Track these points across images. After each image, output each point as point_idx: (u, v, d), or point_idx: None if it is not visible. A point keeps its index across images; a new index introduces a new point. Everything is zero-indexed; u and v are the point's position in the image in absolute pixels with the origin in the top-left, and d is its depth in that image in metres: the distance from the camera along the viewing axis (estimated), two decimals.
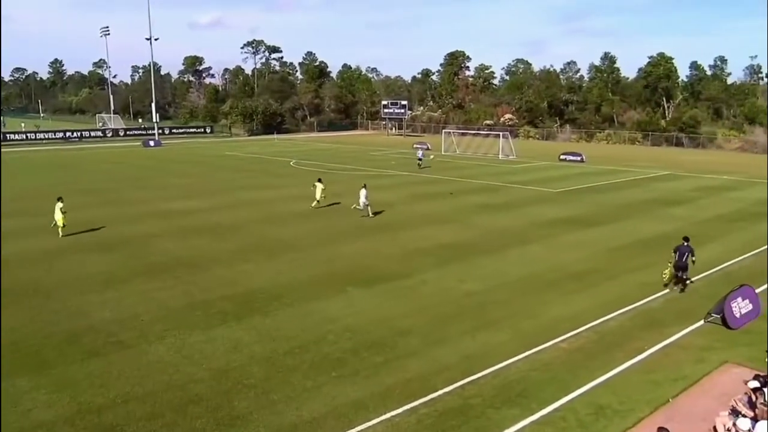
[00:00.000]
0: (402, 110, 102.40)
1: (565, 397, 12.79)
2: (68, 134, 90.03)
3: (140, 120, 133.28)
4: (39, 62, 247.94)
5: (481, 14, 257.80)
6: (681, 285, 19.89)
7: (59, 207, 26.67)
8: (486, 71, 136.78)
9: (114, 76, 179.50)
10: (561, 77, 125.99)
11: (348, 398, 12.77)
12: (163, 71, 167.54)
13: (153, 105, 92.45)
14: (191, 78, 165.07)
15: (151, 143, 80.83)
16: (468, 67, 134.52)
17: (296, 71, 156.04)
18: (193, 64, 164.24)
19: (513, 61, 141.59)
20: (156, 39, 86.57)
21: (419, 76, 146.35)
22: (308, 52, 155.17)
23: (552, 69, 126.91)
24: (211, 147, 79.51)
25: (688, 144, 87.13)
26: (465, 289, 19.97)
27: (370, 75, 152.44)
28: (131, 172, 51.02)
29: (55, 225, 26.75)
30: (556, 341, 15.73)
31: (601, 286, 20.50)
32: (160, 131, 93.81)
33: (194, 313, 17.54)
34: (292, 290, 19.67)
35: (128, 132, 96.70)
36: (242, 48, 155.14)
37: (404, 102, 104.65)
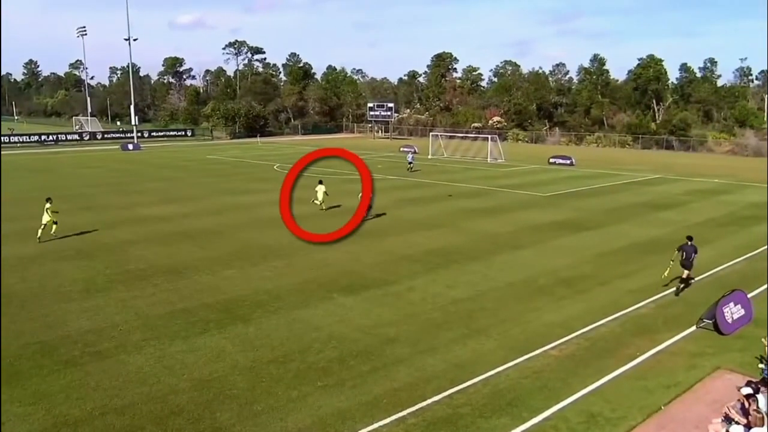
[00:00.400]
0: (388, 113, 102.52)
1: (556, 406, 12.81)
2: (44, 137, 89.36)
3: (118, 123, 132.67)
4: (13, 63, 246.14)
5: (468, 15, 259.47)
6: (684, 285, 20.16)
7: (47, 208, 26.43)
8: (474, 73, 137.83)
9: (91, 78, 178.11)
10: (550, 79, 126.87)
11: (334, 408, 12.70)
12: (143, 72, 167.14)
13: (132, 107, 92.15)
14: (171, 79, 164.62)
15: (130, 147, 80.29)
16: (455, 69, 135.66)
17: (280, 73, 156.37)
18: (174, 65, 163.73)
19: (501, 63, 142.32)
20: (135, 39, 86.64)
21: (406, 78, 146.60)
22: (292, 54, 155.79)
23: (541, 71, 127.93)
24: (192, 150, 79.16)
25: (679, 147, 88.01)
26: (453, 296, 19.98)
27: (356, 77, 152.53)
28: (109, 177, 50.61)
29: (44, 228, 26.36)
30: (547, 348, 15.77)
31: (592, 292, 20.60)
32: (139, 134, 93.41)
33: (175, 322, 17.39)
34: (276, 297, 19.58)
35: (106, 135, 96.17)
36: (224, 49, 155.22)
37: (391, 104, 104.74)
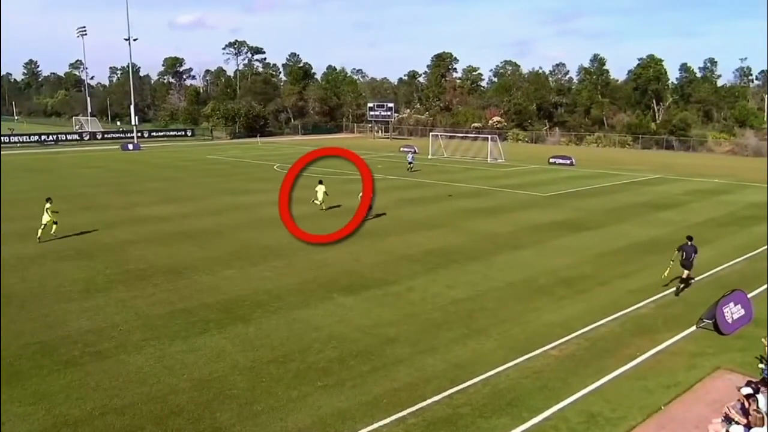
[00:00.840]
0: (388, 113, 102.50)
1: (556, 405, 12.82)
2: (44, 137, 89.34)
3: (118, 123, 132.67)
4: (13, 63, 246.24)
5: (468, 15, 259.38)
6: (684, 285, 20.20)
7: (47, 208, 26.46)
8: (474, 73, 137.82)
9: (91, 78, 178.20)
10: (550, 79, 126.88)
11: (334, 408, 12.71)
12: (143, 72, 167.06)
13: (132, 107, 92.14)
14: (171, 79, 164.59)
15: (130, 147, 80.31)
16: (455, 69, 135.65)
17: (280, 73, 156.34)
18: (174, 65, 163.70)
19: (501, 63, 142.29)
20: (135, 39, 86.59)
21: (406, 78, 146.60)
22: (292, 54, 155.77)
23: (541, 71, 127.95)
24: (192, 150, 79.16)
25: (679, 147, 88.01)
26: (453, 296, 19.98)
27: (356, 77, 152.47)
28: (109, 177, 50.61)
29: (44, 228, 26.41)
30: (547, 348, 15.78)
31: (592, 292, 20.61)
32: (139, 134, 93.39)
33: (175, 322, 17.40)
34: (276, 297, 19.59)
35: (106, 135, 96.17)
36: (224, 49, 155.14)
37: (391, 104, 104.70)
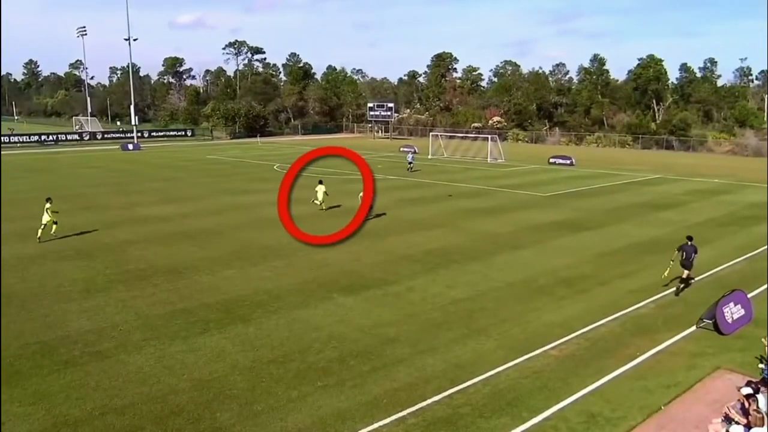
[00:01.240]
0: (388, 113, 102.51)
1: (556, 406, 12.83)
2: (44, 137, 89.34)
3: (118, 123, 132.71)
4: (13, 63, 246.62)
5: (468, 15, 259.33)
6: (684, 285, 20.26)
7: (47, 208, 26.52)
8: (474, 73, 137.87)
9: (91, 78, 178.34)
10: (550, 79, 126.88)
11: (334, 408, 12.72)
12: (143, 72, 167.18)
13: (132, 107, 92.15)
14: (171, 79, 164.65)
15: (130, 147, 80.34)
16: (455, 69, 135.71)
17: (280, 73, 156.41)
18: (174, 65, 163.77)
19: (501, 63, 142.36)
20: (135, 39, 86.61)
21: (406, 78, 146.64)
22: (292, 54, 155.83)
23: (541, 71, 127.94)
24: (192, 150, 79.17)
25: (679, 147, 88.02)
26: (453, 296, 20.00)
27: (356, 77, 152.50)
28: (109, 177, 50.62)
29: (44, 228, 26.48)
30: (547, 348, 15.79)
31: (592, 292, 20.62)
32: (139, 134, 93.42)
33: (175, 322, 17.41)
34: (276, 297, 19.60)
35: (106, 135, 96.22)
36: (224, 49, 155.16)
37: (391, 104, 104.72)
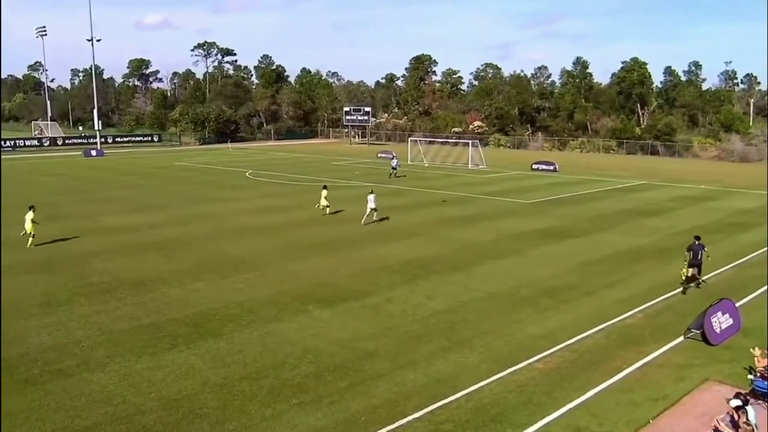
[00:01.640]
0: (365, 117, 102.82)
1: (542, 420, 12.88)
2: (0, 143, 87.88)
3: (81, 128, 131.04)
4: None
5: (448, 17, 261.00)
6: (694, 284, 21.52)
7: (30, 217, 27.42)
8: (454, 76, 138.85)
9: (51, 80, 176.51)
10: (532, 83, 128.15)
11: (310, 427, 12.64)
12: (106, 75, 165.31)
13: (95, 111, 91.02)
14: (137, 82, 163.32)
15: (93, 153, 79.61)
16: (435, 72, 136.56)
17: (251, 75, 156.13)
18: (139, 68, 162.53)
19: (482, 66, 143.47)
20: (98, 40, 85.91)
21: (383, 81, 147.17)
22: (264, 56, 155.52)
23: (522, 74, 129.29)
24: (159, 157, 78.51)
25: (664, 152, 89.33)
26: (434, 307, 20.01)
27: (331, 80, 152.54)
28: (71, 185, 50.04)
29: (26, 234, 27.50)
30: (531, 361, 15.85)
31: (577, 302, 20.77)
32: (103, 140, 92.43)
33: (141, 338, 17.19)
34: (249, 311, 19.45)
35: (67, 141, 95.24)
36: (192, 50, 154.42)
37: (368, 108, 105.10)
